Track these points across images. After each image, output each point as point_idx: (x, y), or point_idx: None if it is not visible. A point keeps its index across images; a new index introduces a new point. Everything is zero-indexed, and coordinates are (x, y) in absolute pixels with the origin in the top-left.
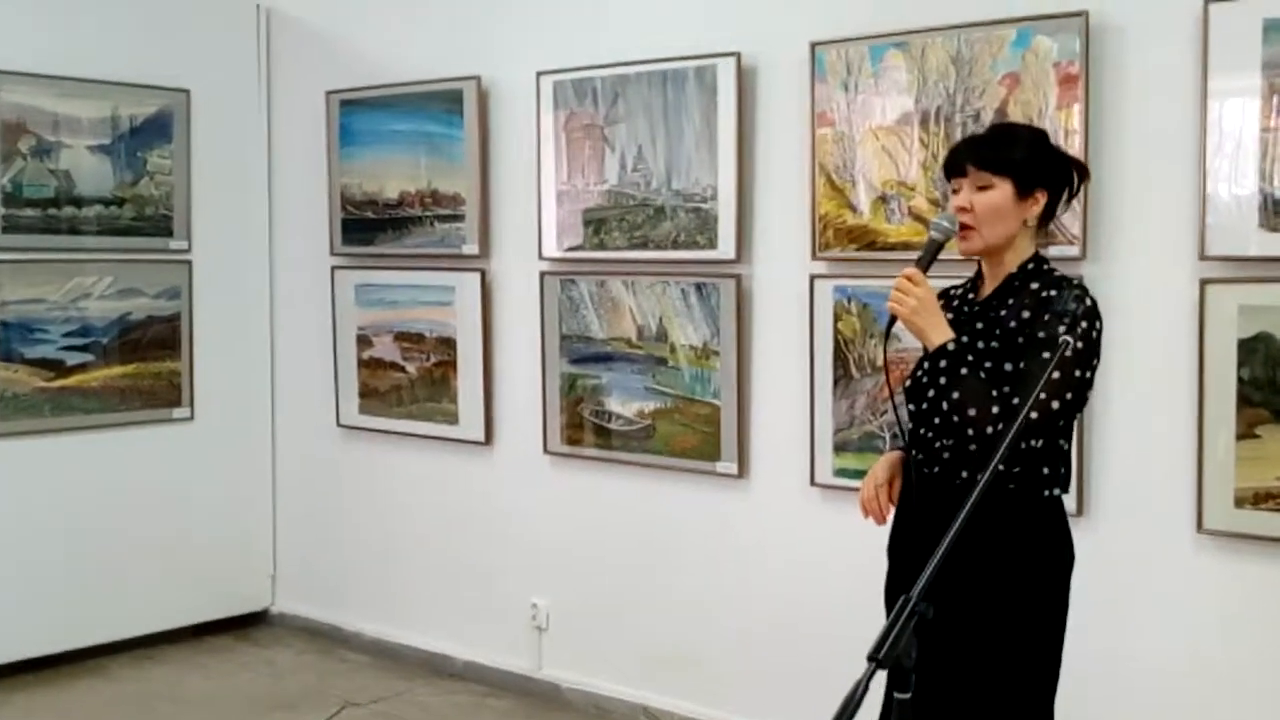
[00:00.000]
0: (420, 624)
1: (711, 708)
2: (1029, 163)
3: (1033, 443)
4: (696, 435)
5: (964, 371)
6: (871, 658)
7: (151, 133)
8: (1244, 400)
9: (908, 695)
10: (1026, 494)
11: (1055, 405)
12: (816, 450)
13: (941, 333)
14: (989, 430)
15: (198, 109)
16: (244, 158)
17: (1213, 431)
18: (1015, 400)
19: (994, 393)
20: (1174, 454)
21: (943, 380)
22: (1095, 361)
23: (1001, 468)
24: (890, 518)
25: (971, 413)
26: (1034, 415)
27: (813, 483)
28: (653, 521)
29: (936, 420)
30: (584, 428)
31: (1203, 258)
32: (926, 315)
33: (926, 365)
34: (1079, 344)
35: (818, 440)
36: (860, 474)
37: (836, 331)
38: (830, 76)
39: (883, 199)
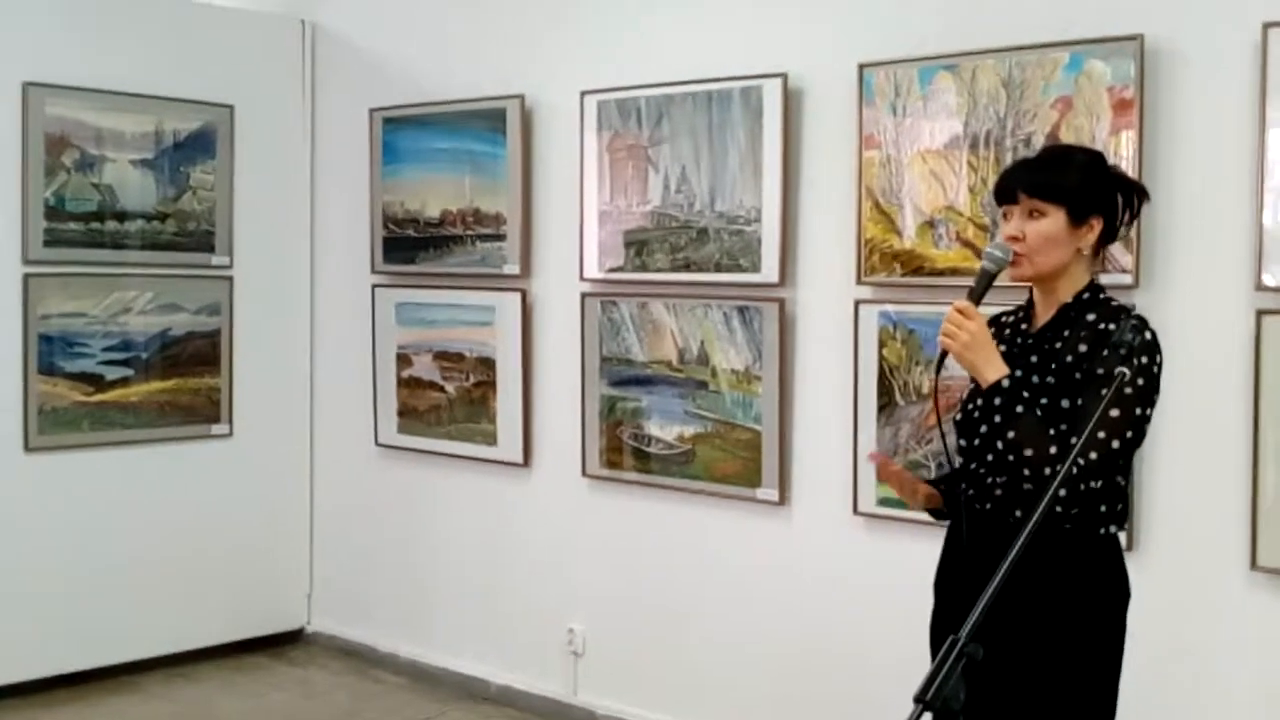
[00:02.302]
0: (455, 646)
1: None
2: (1083, 189)
3: (1092, 484)
4: (737, 461)
5: (1020, 409)
6: (919, 699)
7: (195, 148)
8: None
9: None
10: (1083, 532)
11: (1115, 444)
12: (860, 478)
13: (995, 368)
14: (1046, 471)
15: (241, 125)
16: (287, 174)
17: (1267, 466)
18: (1074, 440)
19: (1051, 431)
20: (1227, 488)
21: (998, 418)
22: (1155, 397)
23: (1059, 509)
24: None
25: (1028, 453)
26: (1093, 455)
27: (855, 511)
28: (692, 547)
29: (989, 457)
30: (623, 451)
31: (1259, 288)
32: (979, 350)
33: (980, 401)
34: (1139, 379)
35: (861, 468)
36: (904, 504)
37: (881, 358)
38: (878, 98)
39: (930, 224)
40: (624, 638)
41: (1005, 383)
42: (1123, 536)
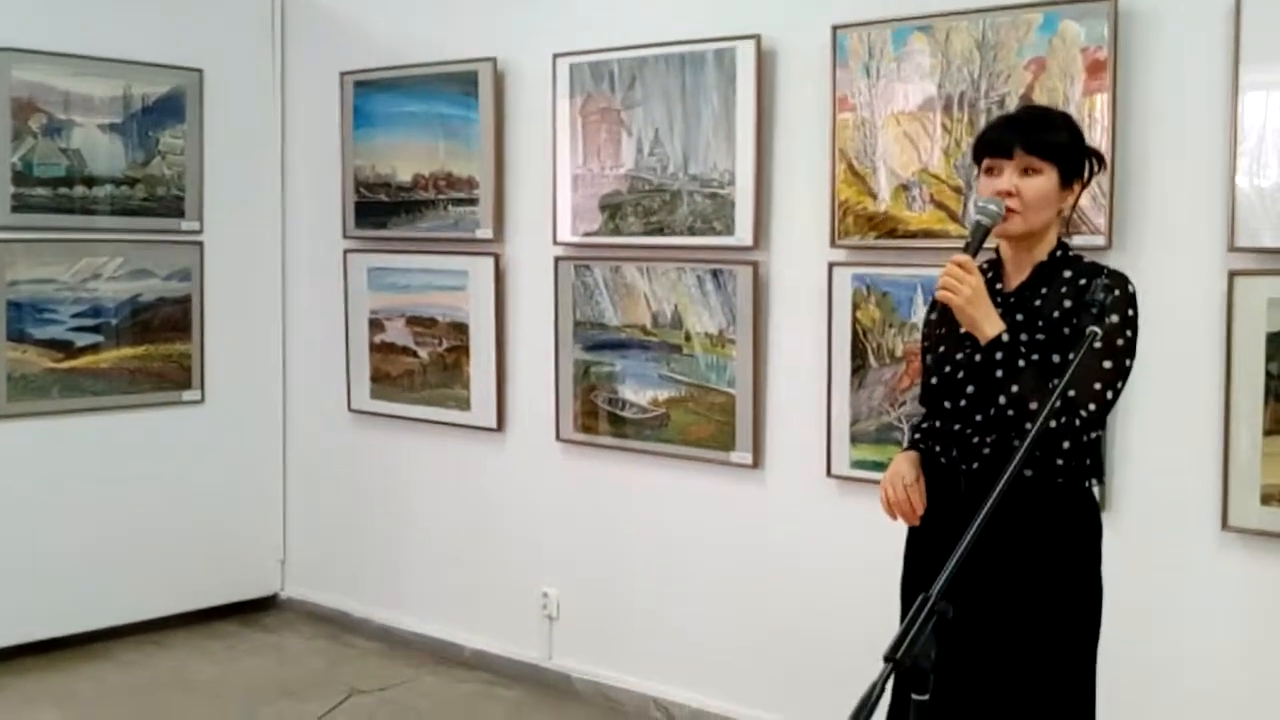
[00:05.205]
0: (429, 611)
1: (722, 700)
2: (1072, 151)
3: (1091, 436)
4: (711, 424)
5: (1022, 364)
6: (888, 658)
7: (164, 112)
8: (1272, 395)
9: (925, 697)
10: (1072, 487)
11: (1109, 395)
12: (833, 441)
13: (994, 323)
14: (1052, 425)
15: (211, 89)
16: (257, 139)
17: (1239, 427)
18: (1072, 394)
19: (1050, 386)
20: (1199, 449)
21: (999, 374)
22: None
23: (1060, 462)
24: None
25: (1034, 407)
26: (1092, 407)
27: (829, 474)
28: (666, 511)
29: (978, 417)
30: (597, 415)
31: (1231, 249)
32: (980, 304)
33: (979, 358)
34: (1127, 331)
35: (834, 431)
36: (877, 465)
37: (855, 320)
38: (852, 60)
39: (904, 186)
40: (598, 601)
41: (1005, 337)
42: (1097, 490)
